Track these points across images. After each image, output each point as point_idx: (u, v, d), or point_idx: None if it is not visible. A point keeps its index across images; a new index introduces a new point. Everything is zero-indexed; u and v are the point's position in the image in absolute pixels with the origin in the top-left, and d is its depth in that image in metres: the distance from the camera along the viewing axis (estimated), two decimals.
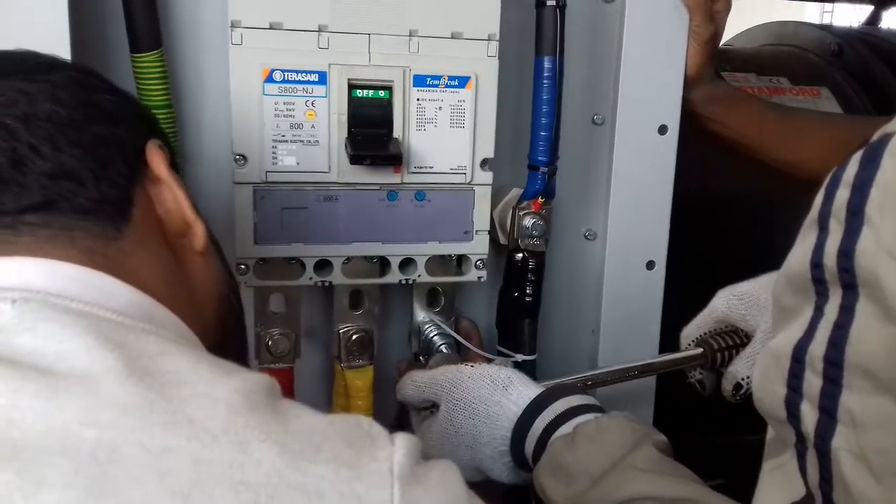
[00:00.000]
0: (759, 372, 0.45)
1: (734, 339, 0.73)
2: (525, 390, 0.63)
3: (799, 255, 0.42)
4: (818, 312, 0.40)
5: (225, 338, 0.53)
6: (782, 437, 0.43)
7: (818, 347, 0.39)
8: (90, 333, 0.36)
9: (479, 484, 0.65)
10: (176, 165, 0.53)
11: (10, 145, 0.42)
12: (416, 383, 0.69)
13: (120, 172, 0.45)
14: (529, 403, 0.62)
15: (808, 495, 0.41)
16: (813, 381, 0.39)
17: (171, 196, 0.48)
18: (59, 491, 0.30)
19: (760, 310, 0.69)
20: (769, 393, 0.43)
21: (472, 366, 0.67)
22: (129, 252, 0.44)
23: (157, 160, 0.48)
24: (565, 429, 0.60)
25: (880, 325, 0.36)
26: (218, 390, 0.35)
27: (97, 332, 0.36)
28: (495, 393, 0.64)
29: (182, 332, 0.44)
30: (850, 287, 0.38)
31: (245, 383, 0.36)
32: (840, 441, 0.38)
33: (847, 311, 0.38)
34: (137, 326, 0.39)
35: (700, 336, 0.75)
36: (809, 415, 0.40)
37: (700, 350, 0.73)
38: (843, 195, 0.39)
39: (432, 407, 0.69)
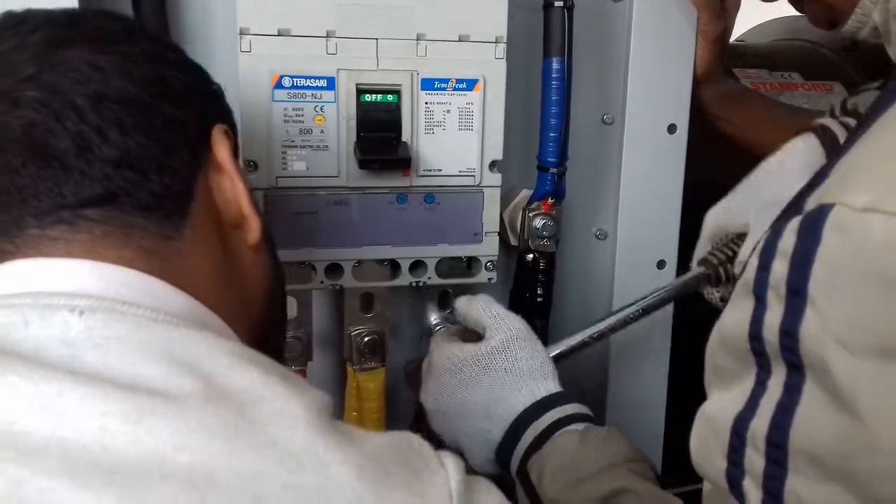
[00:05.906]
0: (697, 440, 0.43)
1: (732, 248, 0.71)
2: (555, 386, 0.63)
3: (734, 322, 0.40)
4: (760, 386, 0.38)
5: (269, 332, 0.51)
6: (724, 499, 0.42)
7: (761, 426, 0.37)
8: (164, 354, 0.35)
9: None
10: (237, 150, 0.50)
11: (77, 129, 0.39)
12: (490, 307, 0.67)
13: (183, 160, 0.43)
14: (549, 395, 0.62)
15: None
16: (755, 460, 0.38)
17: (230, 186, 0.46)
18: None
19: (747, 207, 0.68)
20: (708, 463, 0.41)
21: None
22: (184, 253, 0.42)
23: (221, 148, 0.45)
24: (573, 427, 0.60)
25: (829, 413, 0.34)
26: (295, 408, 0.35)
27: (169, 352, 0.35)
28: (538, 371, 0.63)
29: (231, 339, 0.43)
30: (794, 367, 0.36)
31: (315, 402, 0.36)
32: None
33: (792, 392, 0.36)
34: (203, 338, 0.37)
35: (701, 257, 0.73)
36: (753, 492, 0.38)
37: (701, 269, 0.72)
38: (780, 268, 0.36)
39: (468, 336, 0.68)
